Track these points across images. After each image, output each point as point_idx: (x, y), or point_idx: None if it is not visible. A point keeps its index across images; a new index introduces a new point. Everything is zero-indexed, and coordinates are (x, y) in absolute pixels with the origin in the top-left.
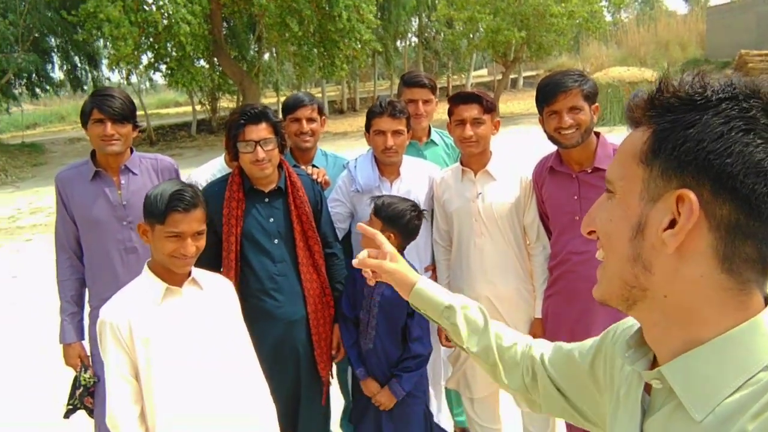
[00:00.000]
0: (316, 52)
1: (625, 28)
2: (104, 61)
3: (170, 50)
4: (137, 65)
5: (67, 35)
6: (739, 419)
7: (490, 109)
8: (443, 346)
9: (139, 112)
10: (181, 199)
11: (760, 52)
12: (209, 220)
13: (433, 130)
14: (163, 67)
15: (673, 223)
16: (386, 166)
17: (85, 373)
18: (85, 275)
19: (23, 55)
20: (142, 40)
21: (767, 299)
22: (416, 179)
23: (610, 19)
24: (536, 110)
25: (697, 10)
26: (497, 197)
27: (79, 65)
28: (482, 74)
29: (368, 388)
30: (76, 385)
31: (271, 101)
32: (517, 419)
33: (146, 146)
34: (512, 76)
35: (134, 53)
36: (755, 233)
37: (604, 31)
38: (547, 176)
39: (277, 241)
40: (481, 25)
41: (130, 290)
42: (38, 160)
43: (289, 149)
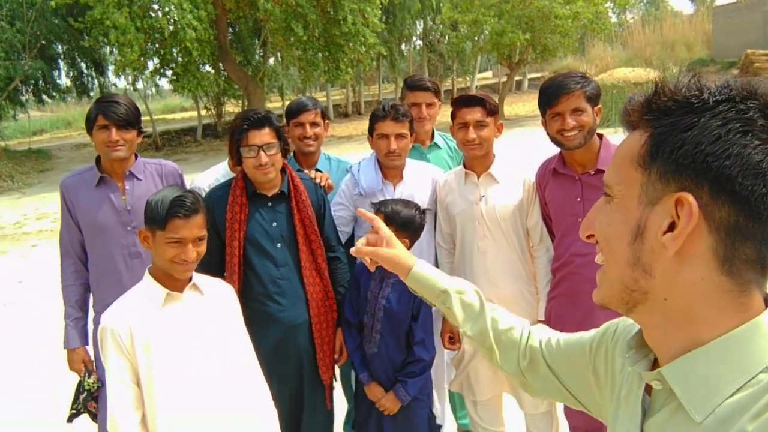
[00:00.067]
0: (321, 56)
1: (630, 28)
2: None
3: (176, 56)
4: (143, 71)
5: (73, 42)
6: (739, 420)
7: (492, 111)
8: (446, 349)
9: (145, 117)
10: (181, 205)
11: (766, 51)
12: (212, 224)
13: (436, 133)
14: (169, 72)
15: (672, 226)
16: (389, 169)
17: (89, 377)
18: (89, 280)
19: (30, 62)
20: (148, 46)
21: (767, 300)
22: (419, 182)
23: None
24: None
25: (703, 10)
26: (500, 200)
27: (85, 72)
28: (487, 76)
29: (373, 392)
30: (80, 389)
31: (276, 105)
32: (520, 422)
33: (152, 151)
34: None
35: (140, 59)
36: (755, 234)
37: (609, 32)
38: (550, 178)
39: (280, 245)
40: (485, 27)
41: (130, 296)
42: (45, 166)
43: (292, 153)
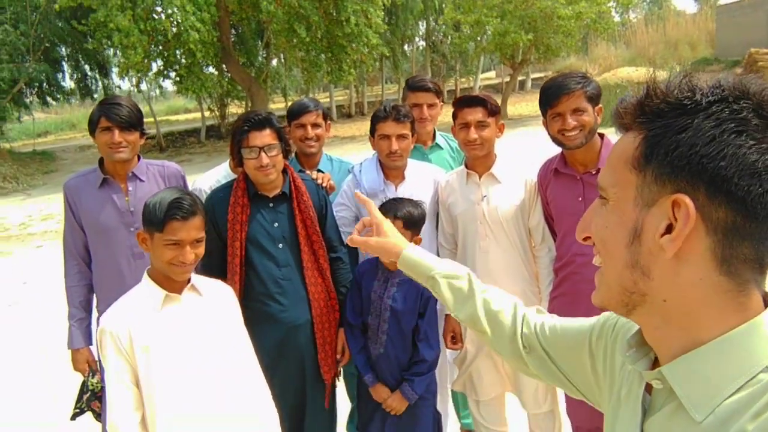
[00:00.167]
0: (323, 57)
1: (633, 28)
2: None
3: (179, 57)
4: (147, 73)
5: (77, 44)
6: (739, 419)
7: (494, 112)
8: (449, 348)
9: (148, 119)
10: (179, 207)
11: None
12: (214, 225)
13: (438, 133)
14: (172, 74)
15: (669, 227)
16: (391, 170)
17: (92, 377)
18: (93, 281)
19: (34, 64)
20: (151, 48)
21: (765, 299)
22: (421, 183)
23: (618, 19)
24: None
25: (706, 9)
26: (502, 200)
27: (89, 74)
28: (490, 76)
29: (378, 393)
30: (83, 389)
31: (279, 107)
32: (523, 422)
33: (156, 152)
34: (520, 78)
35: (144, 61)
36: (752, 234)
37: (612, 31)
38: (551, 178)
39: (281, 245)
40: (488, 28)
41: (129, 298)
42: (49, 167)
43: (294, 154)
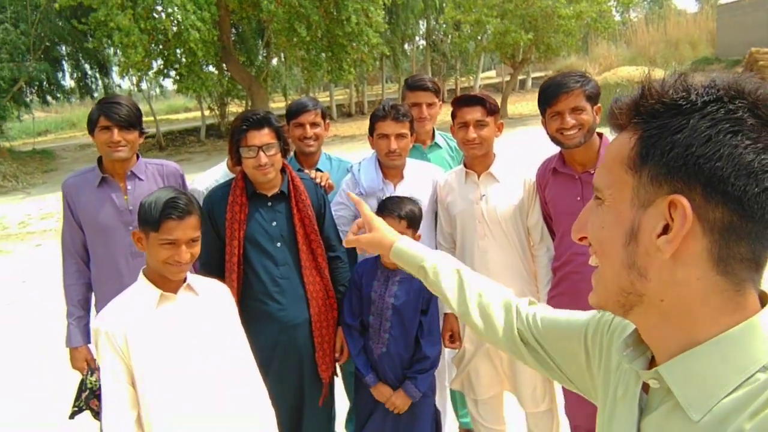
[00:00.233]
0: (324, 56)
1: (634, 27)
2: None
3: (180, 57)
4: (147, 72)
5: (77, 43)
6: (736, 419)
7: (493, 111)
8: (447, 347)
9: (148, 118)
10: (175, 206)
11: None
12: (212, 224)
13: (437, 133)
14: (172, 73)
15: (666, 228)
16: (390, 169)
17: (91, 376)
18: (91, 280)
19: (35, 63)
20: (151, 47)
21: (762, 298)
22: (420, 182)
23: (618, 18)
24: None
25: (707, 8)
26: (501, 199)
27: (89, 73)
28: (491, 76)
29: (381, 393)
30: (82, 387)
31: (279, 106)
32: (521, 421)
33: (155, 151)
34: (521, 77)
35: (144, 60)
36: (749, 233)
37: (612, 30)
38: (550, 177)
39: (279, 244)
40: (488, 27)
41: (125, 297)
42: (49, 166)
43: (293, 153)
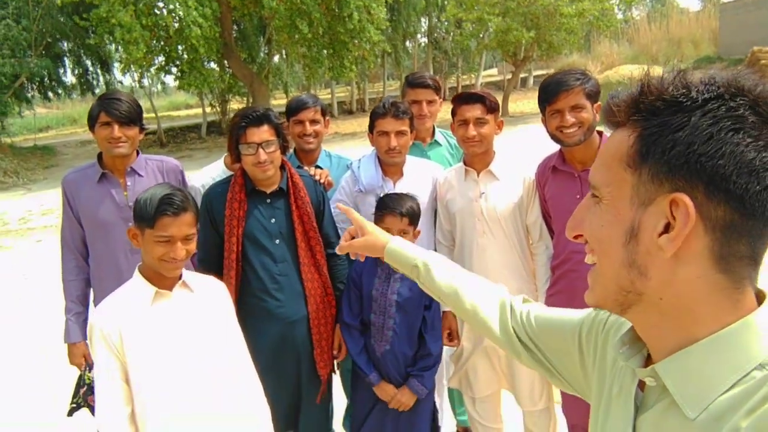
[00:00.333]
0: (325, 53)
1: (636, 25)
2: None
3: (181, 53)
4: (149, 68)
5: (79, 40)
6: (732, 417)
7: (493, 108)
8: (445, 345)
9: (150, 114)
10: (170, 203)
11: None
12: (211, 220)
13: (437, 130)
14: (174, 69)
15: (667, 227)
16: (389, 166)
17: (89, 372)
18: (90, 275)
19: (36, 59)
20: (153, 43)
21: (758, 296)
22: (419, 179)
23: (621, 16)
24: None
25: (710, 7)
26: (500, 197)
27: (90, 69)
28: (492, 73)
29: (385, 391)
30: (80, 383)
31: (280, 103)
32: (518, 419)
33: (156, 148)
34: (522, 75)
35: (146, 57)
36: (750, 231)
37: (615, 29)
38: (549, 175)
39: (278, 241)
40: (490, 25)
41: (120, 294)
42: (50, 162)
43: (293, 150)
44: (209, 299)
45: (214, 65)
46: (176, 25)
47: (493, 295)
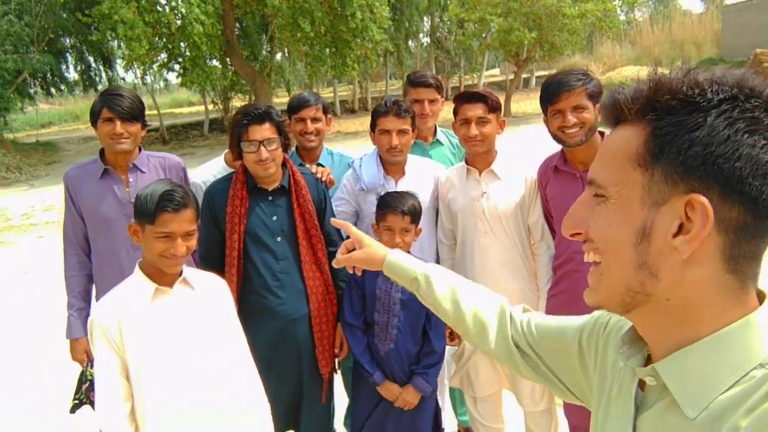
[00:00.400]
0: (327, 51)
1: (639, 27)
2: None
3: (184, 50)
4: (151, 65)
5: (81, 36)
6: (732, 416)
7: (495, 108)
8: (446, 345)
9: (152, 111)
10: (171, 199)
11: None
12: (213, 217)
13: (439, 129)
14: (176, 66)
15: (680, 227)
16: (391, 165)
17: (91, 368)
18: (92, 271)
19: (38, 55)
20: (155, 40)
21: (758, 296)
22: (421, 178)
23: (623, 18)
24: None
25: (712, 9)
26: (502, 196)
27: (93, 65)
28: (494, 74)
29: (389, 391)
30: (82, 379)
31: (282, 101)
32: (519, 419)
33: (159, 145)
34: (525, 75)
35: (148, 53)
36: (760, 232)
37: (617, 30)
38: (551, 176)
39: (280, 238)
40: (492, 25)
41: (121, 290)
42: (52, 158)
43: (295, 148)
44: (210, 296)
45: (216, 63)
46: (179, 22)
47: (493, 306)
